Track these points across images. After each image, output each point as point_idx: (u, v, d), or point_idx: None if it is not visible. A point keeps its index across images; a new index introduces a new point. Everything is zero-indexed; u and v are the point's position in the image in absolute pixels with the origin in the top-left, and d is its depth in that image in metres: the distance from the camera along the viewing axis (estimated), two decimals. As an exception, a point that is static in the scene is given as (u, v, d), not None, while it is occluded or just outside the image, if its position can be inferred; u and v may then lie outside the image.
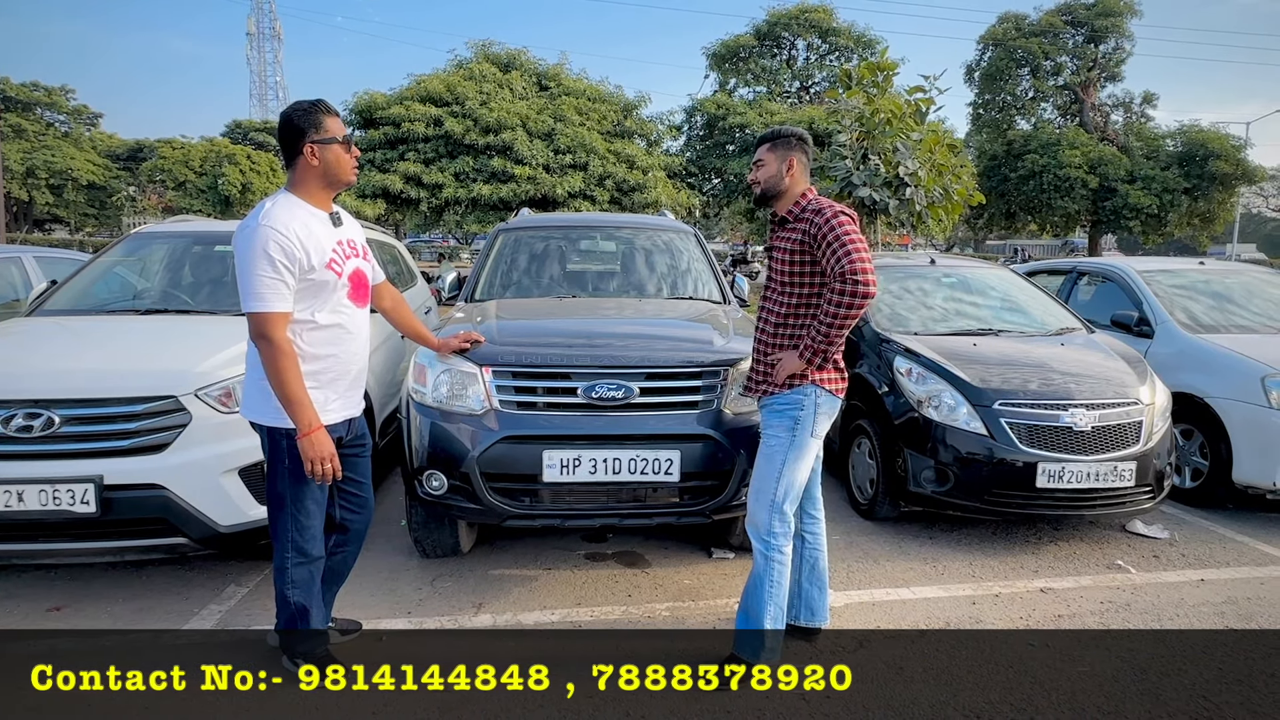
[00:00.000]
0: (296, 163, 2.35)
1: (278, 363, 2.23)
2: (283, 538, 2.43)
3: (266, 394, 2.34)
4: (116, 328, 3.58)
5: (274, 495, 2.43)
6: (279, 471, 2.39)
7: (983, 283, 5.27)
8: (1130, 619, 3.09)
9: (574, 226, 5.02)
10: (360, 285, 2.50)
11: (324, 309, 2.36)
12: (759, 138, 2.68)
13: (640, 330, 3.44)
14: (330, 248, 2.36)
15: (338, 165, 2.36)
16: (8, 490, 2.67)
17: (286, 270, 2.23)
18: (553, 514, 2.97)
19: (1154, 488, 3.79)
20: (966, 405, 3.77)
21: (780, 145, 2.62)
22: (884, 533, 4.05)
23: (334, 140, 2.33)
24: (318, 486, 2.43)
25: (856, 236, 2.46)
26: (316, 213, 2.38)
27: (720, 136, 22.53)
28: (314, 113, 2.33)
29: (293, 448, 2.34)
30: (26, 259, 5.29)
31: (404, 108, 16.98)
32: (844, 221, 2.47)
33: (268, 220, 2.23)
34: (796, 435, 2.56)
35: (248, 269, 2.21)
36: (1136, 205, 23.12)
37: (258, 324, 2.23)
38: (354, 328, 2.47)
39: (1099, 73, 27.73)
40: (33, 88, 37.83)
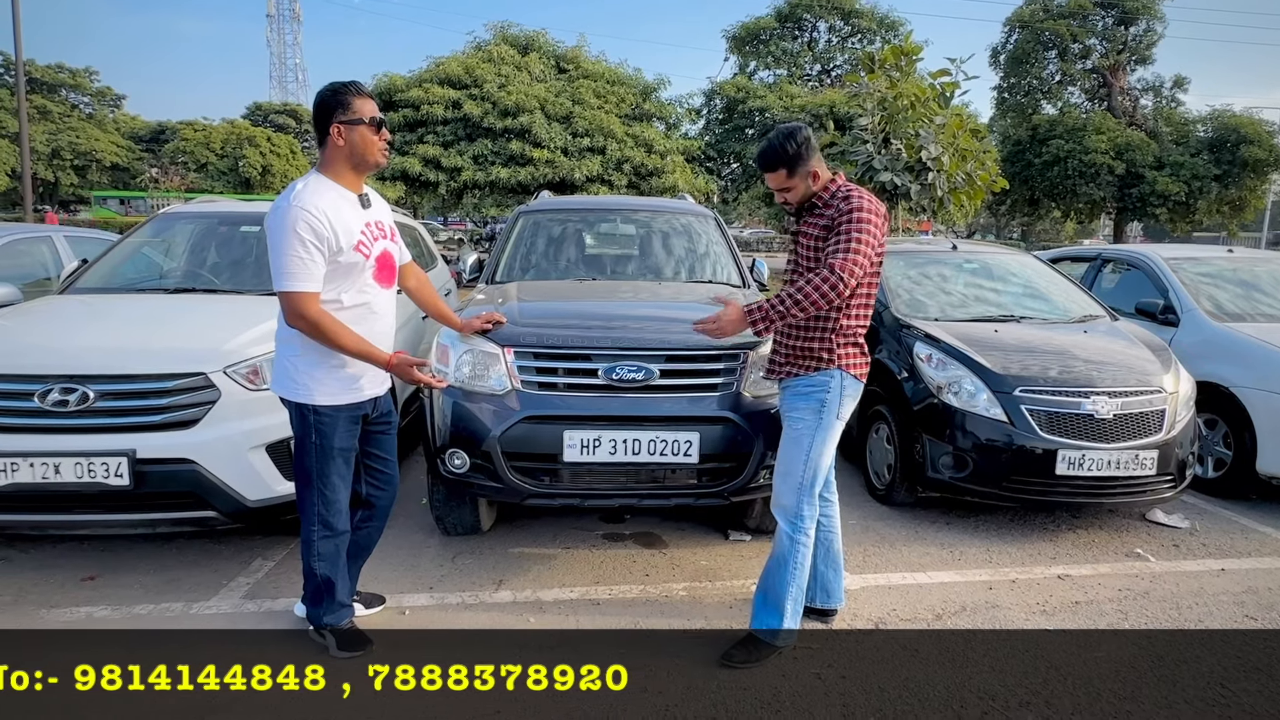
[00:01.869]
0: (325, 143, 2.38)
1: (325, 334, 2.29)
2: (309, 512, 2.49)
3: (294, 371, 2.40)
4: (147, 306, 3.65)
5: (301, 470, 2.49)
6: (307, 447, 2.44)
7: (1005, 269, 5.22)
8: (1148, 607, 3.09)
9: (594, 209, 5.03)
10: (386, 266, 2.52)
11: (350, 290, 2.39)
12: (766, 161, 2.55)
13: (661, 313, 3.45)
14: (359, 229, 2.38)
15: (364, 146, 2.37)
16: (45, 462, 2.74)
17: (316, 250, 2.26)
18: (572, 493, 3.01)
19: (1176, 477, 3.76)
20: (987, 391, 3.76)
21: (798, 166, 2.53)
22: (901, 518, 4.06)
23: (360, 121, 2.34)
24: (343, 462, 2.49)
25: (868, 239, 2.43)
26: (346, 194, 2.40)
27: (739, 120, 22.36)
28: (343, 93, 2.34)
29: (320, 423, 2.41)
30: (57, 238, 5.38)
31: (423, 90, 16.97)
32: (865, 220, 2.44)
33: (298, 201, 2.26)
34: (824, 417, 2.56)
35: (279, 248, 2.25)
36: (1164, 192, 22.66)
37: (290, 304, 2.27)
38: (380, 308, 2.51)
39: (1128, 55, 27.13)
40: (58, 69, 38.28)
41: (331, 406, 2.42)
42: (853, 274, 2.40)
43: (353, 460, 2.55)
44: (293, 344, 2.40)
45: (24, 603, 2.93)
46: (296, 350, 2.39)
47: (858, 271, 2.41)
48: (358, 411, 2.51)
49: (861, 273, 2.44)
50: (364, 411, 2.54)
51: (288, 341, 2.41)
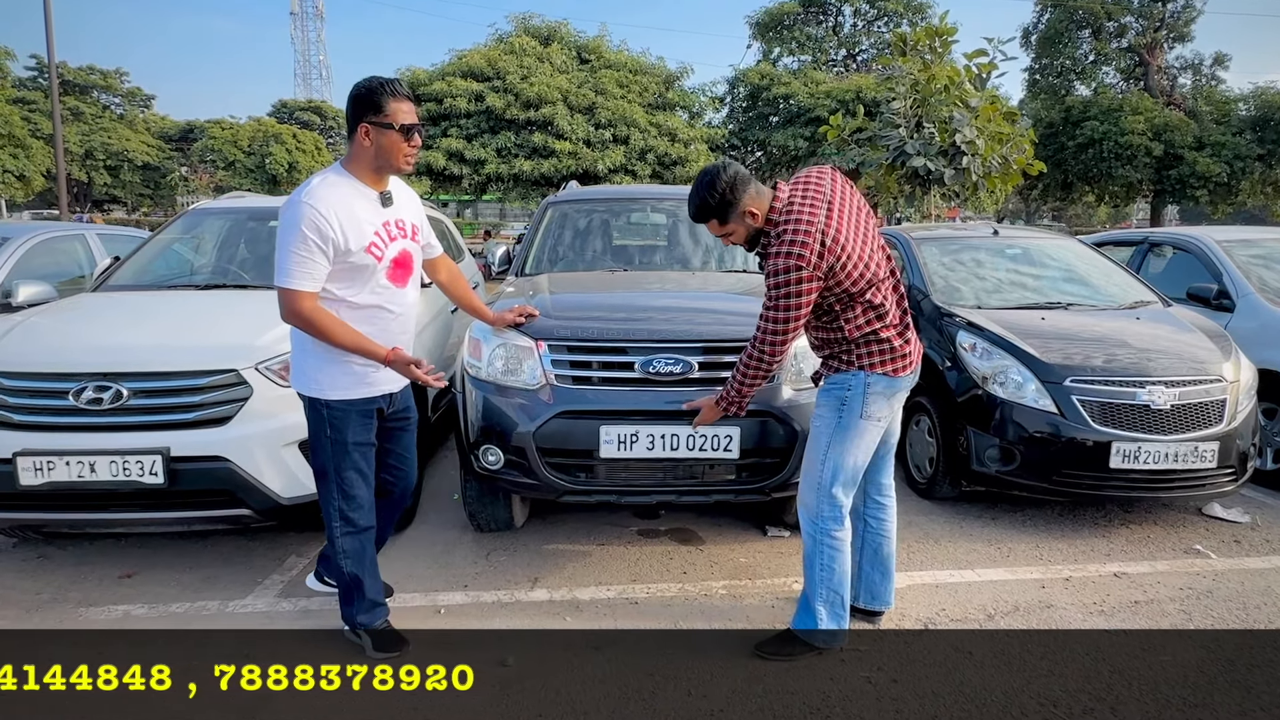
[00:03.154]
0: (353, 139, 2.30)
1: (319, 330, 2.26)
2: (330, 508, 2.46)
3: (305, 365, 2.39)
4: (179, 303, 3.64)
5: (319, 467, 2.46)
6: (322, 442, 2.42)
7: (1048, 254, 5.03)
8: (1213, 607, 2.94)
9: (622, 199, 4.94)
10: (403, 266, 2.43)
11: (362, 290, 2.34)
12: (694, 213, 2.41)
13: (697, 304, 3.36)
14: (374, 230, 2.31)
15: (391, 152, 2.28)
16: (80, 461, 2.73)
17: (319, 249, 2.20)
18: (609, 490, 2.94)
19: (1236, 469, 3.59)
20: (1035, 382, 3.61)
21: (729, 212, 2.34)
22: (943, 512, 3.93)
23: (390, 127, 2.24)
24: (360, 457, 2.45)
25: (789, 303, 2.26)
26: (366, 191, 2.33)
27: (764, 108, 22.05)
28: (378, 93, 2.24)
29: (333, 418, 2.38)
30: (90, 236, 5.42)
31: (446, 83, 16.97)
32: (787, 283, 2.23)
33: (309, 198, 2.21)
34: (844, 417, 2.45)
35: (283, 244, 2.22)
36: (1205, 173, 21.89)
37: (285, 300, 2.24)
38: (396, 307, 2.44)
39: (1166, 33, 26.27)
40: (89, 71, 38.98)
41: (343, 401, 2.39)
42: (775, 345, 2.36)
43: (372, 455, 2.51)
44: (305, 340, 2.37)
45: (63, 600, 2.94)
46: (308, 346, 2.37)
47: (782, 339, 2.34)
48: (370, 406, 2.46)
49: (788, 339, 2.35)
50: (378, 406, 2.49)
51: (300, 338, 2.38)
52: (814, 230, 2.24)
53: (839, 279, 2.30)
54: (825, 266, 2.25)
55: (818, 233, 2.24)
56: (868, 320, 2.39)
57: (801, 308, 2.29)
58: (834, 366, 2.48)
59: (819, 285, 2.28)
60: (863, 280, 2.33)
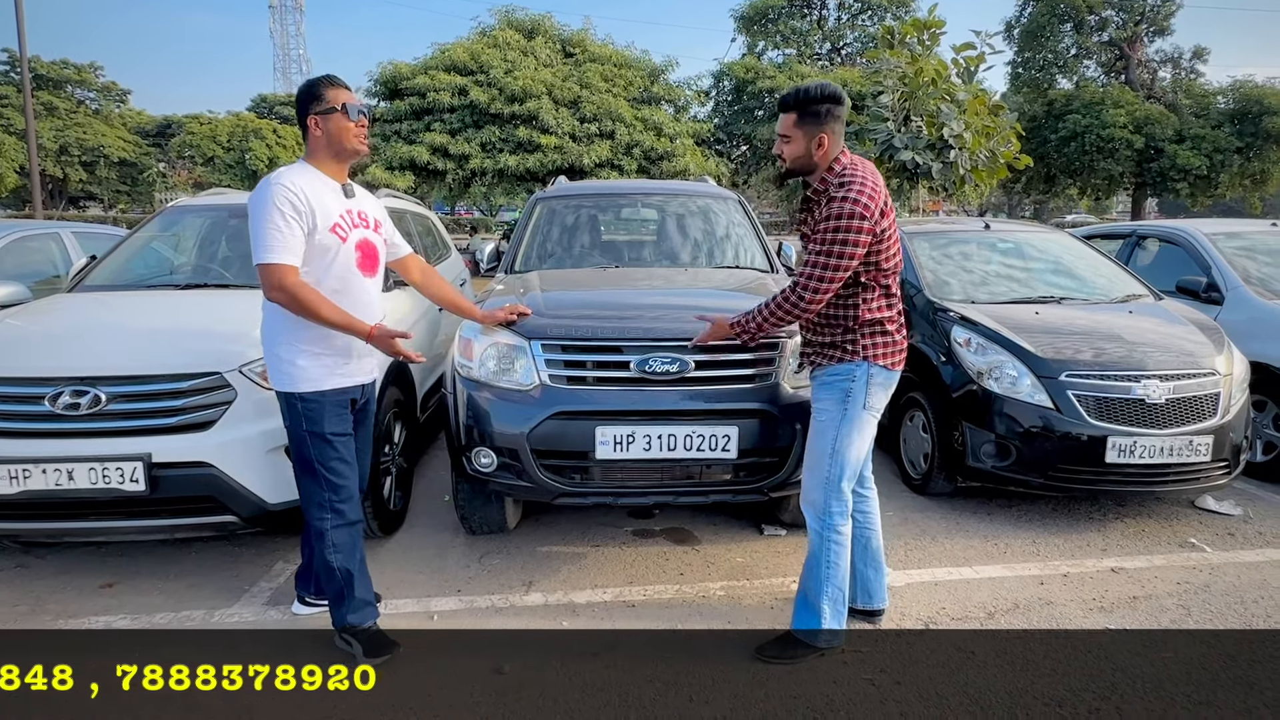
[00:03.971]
0: (307, 135, 2.42)
1: (304, 305, 2.27)
2: (319, 501, 2.43)
3: (276, 359, 2.40)
4: (158, 303, 3.53)
5: (301, 461, 2.44)
6: (301, 436, 2.41)
7: (1041, 248, 5.03)
8: (1211, 601, 2.94)
9: (614, 194, 4.87)
10: (368, 255, 2.50)
11: (329, 275, 2.38)
12: (781, 100, 2.41)
13: (694, 301, 3.30)
14: (337, 214, 2.39)
15: (340, 134, 2.38)
16: (58, 469, 2.64)
17: (295, 223, 2.27)
18: (605, 491, 2.88)
19: (1230, 462, 3.60)
20: (1031, 377, 3.59)
21: (809, 120, 2.36)
22: (939, 509, 3.91)
23: (333, 110, 2.35)
24: (342, 447, 2.44)
25: (841, 249, 2.27)
26: (329, 182, 2.43)
27: (749, 101, 21.99)
28: (316, 86, 2.39)
29: (308, 410, 2.39)
30: (65, 234, 5.28)
31: (429, 77, 16.73)
32: (843, 227, 2.26)
33: (277, 179, 2.30)
34: (849, 409, 2.43)
35: (258, 223, 2.26)
36: (1185, 166, 22.11)
37: (269, 276, 2.26)
38: (359, 294, 2.46)
39: (1146, 26, 26.46)
40: (63, 65, 38.13)
41: (316, 393, 2.39)
42: (816, 291, 2.34)
43: (352, 446, 2.50)
44: (275, 335, 2.39)
45: (42, 612, 2.84)
46: (277, 339, 2.39)
47: (824, 287, 2.33)
48: (344, 397, 2.47)
49: (831, 288, 2.33)
50: (352, 397, 2.51)
51: (270, 331, 2.41)
52: (878, 192, 2.32)
53: (879, 250, 2.35)
54: (878, 230, 2.31)
55: (880, 196, 2.33)
56: (879, 306, 2.42)
57: (854, 257, 2.30)
58: (835, 356, 2.45)
59: (869, 243, 2.31)
60: (890, 262, 2.40)
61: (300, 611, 2.80)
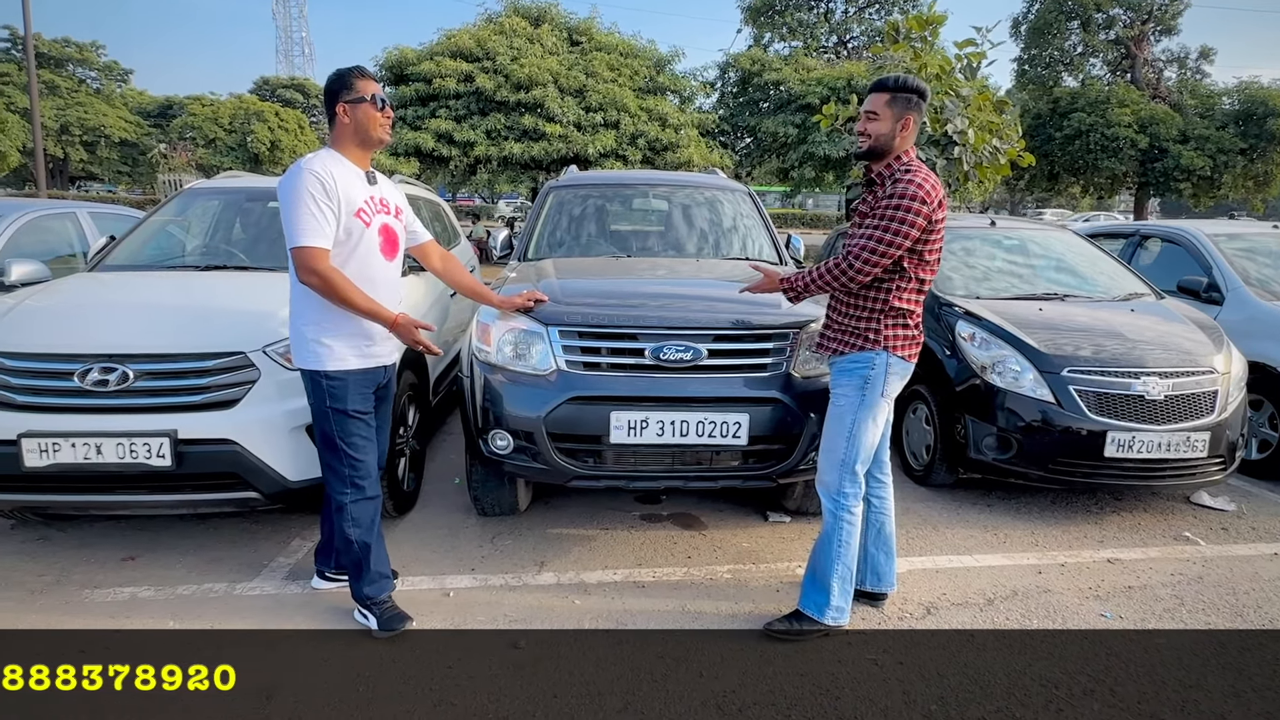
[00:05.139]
0: (334, 122, 2.49)
1: (336, 290, 2.36)
2: (340, 476, 2.51)
3: (304, 339, 2.47)
4: (180, 284, 3.59)
5: (324, 437, 2.52)
6: (324, 413, 2.49)
7: (1045, 246, 5.09)
8: (1204, 592, 3.02)
9: (626, 184, 4.92)
10: (390, 240, 2.59)
11: (353, 258, 2.45)
12: (875, 84, 2.51)
13: (707, 291, 3.37)
14: (361, 199, 2.47)
15: (367, 122, 2.47)
16: (87, 443, 2.71)
17: (327, 207, 2.35)
18: (618, 475, 2.96)
19: (1226, 459, 3.68)
20: (1033, 371, 3.67)
21: (900, 101, 2.47)
22: (940, 499, 4.00)
23: (363, 99, 2.45)
24: (364, 424, 2.52)
25: (898, 228, 2.36)
26: (353, 168, 2.50)
27: (754, 93, 21.92)
28: (347, 76, 2.48)
29: (332, 388, 2.46)
30: (81, 214, 5.32)
31: (435, 64, 16.70)
32: (904, 208, 2.36)
33: (307, 165, 2.38)
34: (867, 395, 2.52)
35: (290, 208, 2.34)
36: (1189, 166, 22.12)
37: (303, 259, 2.34)
38: (380, 278, 2.53)
39: (1153, 25, 26.40)
40: (64, 44, 37.93)
41: (342, 371, 2.47)
42: (867, 263, 2.41)
43: (373, 424, 2.57)
44: (303, 313, 2.46)
45: (67, 583, 2.92)
46: (306, 318, 2.46)
47: (876, 260, 2.40)
48: (368, 379, 2.55)
49: (882, 263, 2.41)
50: (377, 379, 2.59)
51: (298, 311, 2.48)
52: (938, 186, 2.44)
53: (927, 240, 2.44)
54: (933, 218, 2.41)
55: (939, 189, 2.44)
56: (909, 297, 2.50)
57: (909, 237, 2.38)
58: (855, 344, 2.52)
59: (923, 227, 2.39)
60: (933, 256, 2.50)
61: (320, 586, 2.89)
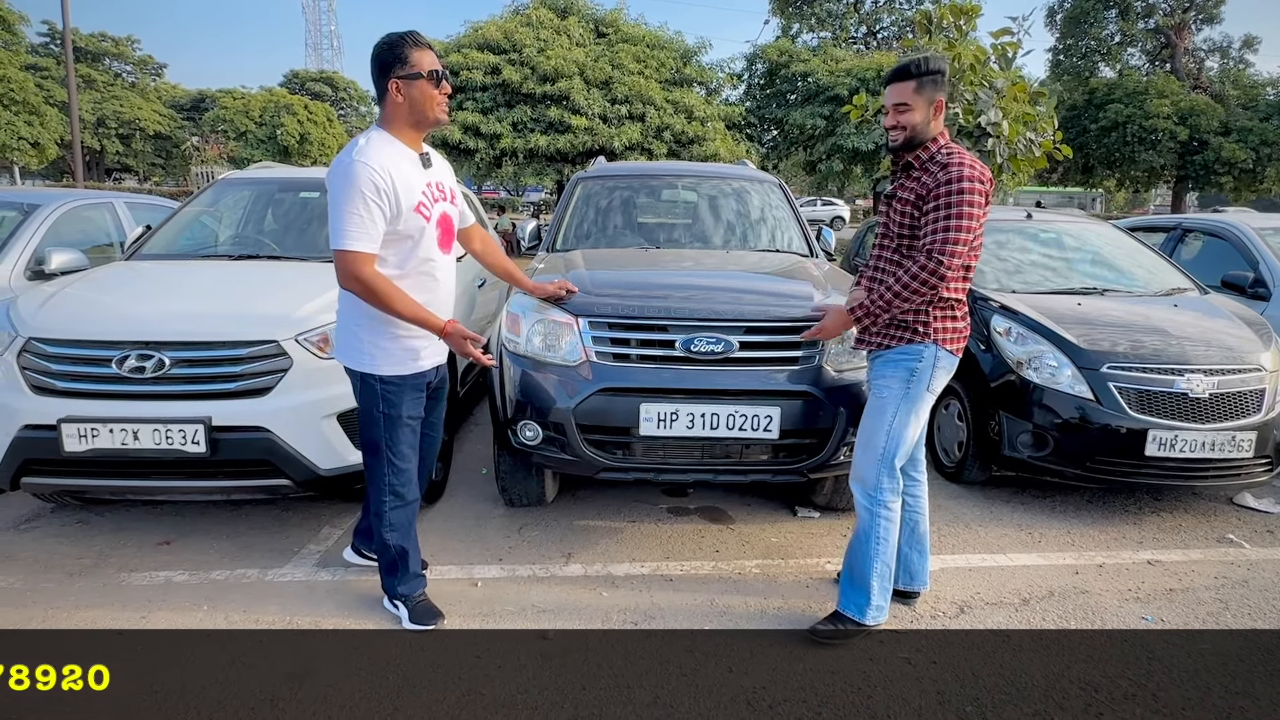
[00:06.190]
0: (385, 99, 2.26)
1: (379, 297, 2.21)
2: (379, 483, 2.46)
3: (357, 340, 2.35)
4: (215, 273, 3.63)
5: (369, 442, 2.46)
6: (374, 417, 2.40)
7: (1084, 239, 4.97)
8: (1249, 596, 2.93)
9: (655, 175, 4.89)
10: (447, 231, 2.44)
11: (413, 257, 2.32)
12: (896, 70, 2.38)
13: (738, 283, 3.33)
14: (420, 189, 2.29)
15: (424, 102, 2.25)
16: (124, 429, 2.75)
17: (378, 208, 2.17)
18: (647, 467, 2.94)
19: (1272, 459, 3.57)
20: (1071, 367, 3.58)
21: (928, 84, 2.34)
22: (973, 497, 3.93)
23: (419, 76, 2.21)
24: (411, 431, 2.46)
25: (970, 213, 2.26)
26: (407, 152, 2.30)
27: (781, 85, 21.71)
28: (400, 46, 2.20)
29: (387, 392, 2.37)
30: (118, 204, 5.41)
31: (461, 56, 16.78)
32: (966, 190, 2.26)
33: (362, 156, 2.17)
34: (911, 388, 2.44)
35: (339, 205, 2.16)
36: (1230, 159, 21.51)
37: (345, 264, 2.18)
38: (441, 275, 2.44)
39: (1194, 14, 25.70)
40: (100, 38, 38.68)
41: (398, 376, 2.38)
42: (954, 256, 2.28)
43: (419, 428, 2.52)
44: (355, 312, 2.33)
45: (105, 566, 2.98)
46: (360, 319, 2.34)
47: (960, 252, 2.29)
48: (422, 381, 2.48)
49: (964, 254, 2.31)
50: (428, 380, 2.51)
51: (350, 310, 2.35)
52: (987, 169, 2.34)
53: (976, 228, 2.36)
54: (990, 197, 2.34)
55: (982, 166, 2.33)
56: (957, 286, 2.42)
57: (978, 220, 2.30)
58: (902, 337, 2.44)
59: (984, 207, 2.30)
60: (979, 240, 2.40)
61: (352, 560, 2.91)
